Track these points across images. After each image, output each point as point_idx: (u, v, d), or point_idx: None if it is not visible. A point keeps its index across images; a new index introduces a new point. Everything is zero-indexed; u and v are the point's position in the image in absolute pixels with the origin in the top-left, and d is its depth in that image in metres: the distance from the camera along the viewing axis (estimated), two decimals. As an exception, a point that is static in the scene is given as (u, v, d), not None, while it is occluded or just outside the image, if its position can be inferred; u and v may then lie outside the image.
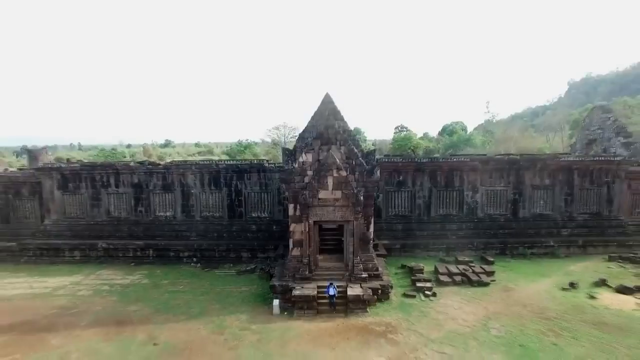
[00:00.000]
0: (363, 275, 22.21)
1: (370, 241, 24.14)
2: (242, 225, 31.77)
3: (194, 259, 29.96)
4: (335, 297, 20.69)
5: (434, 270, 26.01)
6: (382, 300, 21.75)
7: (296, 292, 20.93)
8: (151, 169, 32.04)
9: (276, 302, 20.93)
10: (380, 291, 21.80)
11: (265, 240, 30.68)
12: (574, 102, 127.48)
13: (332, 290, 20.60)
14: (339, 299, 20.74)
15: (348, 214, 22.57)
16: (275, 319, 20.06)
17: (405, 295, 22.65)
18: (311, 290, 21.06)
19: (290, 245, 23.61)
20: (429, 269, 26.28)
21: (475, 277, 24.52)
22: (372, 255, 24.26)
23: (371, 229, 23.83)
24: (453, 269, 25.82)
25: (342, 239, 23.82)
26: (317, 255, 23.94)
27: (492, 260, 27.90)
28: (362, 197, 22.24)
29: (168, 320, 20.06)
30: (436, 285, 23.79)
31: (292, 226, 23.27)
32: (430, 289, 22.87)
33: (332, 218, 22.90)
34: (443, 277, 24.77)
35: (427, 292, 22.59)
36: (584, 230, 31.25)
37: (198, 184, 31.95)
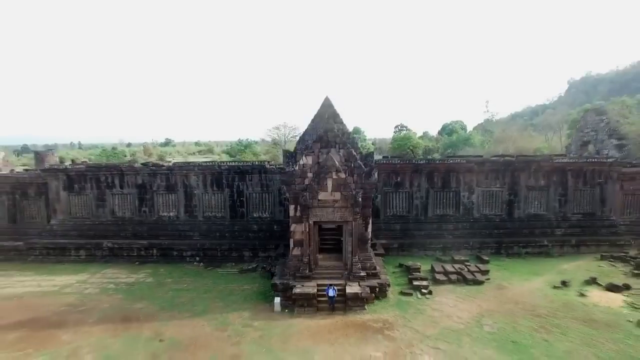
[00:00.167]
0: (361, 274, 22.89)
1: (369, 241, 24.84)
2: (244, 225, 32.44)
3: (196, 258, 30.64)
4: (334, 299, 21.23)
5: (431, 269, 26.73)
6: (379, 298, 22.43)
7: (297, 290, 21.63)
8: (155, 170, 32.66)
9: (277, 300, 21.57)
10: (378, 289, 22.48)
11: (267, 239, 31.35)
12: (574, 101, 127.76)
13: (331, 292, 21.10)
14: (338, 297, 21.37)
15: (347, 215, 23.23)
16: (277, 316, 20.76)
17: (402, 293, 23.32)
18: (311, 289, 21.78)
19: (291, 244, 24.32)
20: (425, 267, 27.02)
21: (470, 275, 25.24)
22: (371, 254, 24.99)
23: (369, 229, 24.54)
24: (449, 267, 26.54)
25: (341, 239, 24.49)
26: (317, 254, 24.65)
27: (488, 260, 28.58)
28: (360, 198, 22.92)
29: (173, 318, 20.76)
30: (432, 284, 24.42)
31: (292, 226, 23.97)
32: (427, 287, 23.54)
33: (332, 219, 23.57)
34: (439, 276, 25.45)
35: (423, 290, 23.26)
36: (577, 230, 31.94)
37: (201, 184, 32.59)
